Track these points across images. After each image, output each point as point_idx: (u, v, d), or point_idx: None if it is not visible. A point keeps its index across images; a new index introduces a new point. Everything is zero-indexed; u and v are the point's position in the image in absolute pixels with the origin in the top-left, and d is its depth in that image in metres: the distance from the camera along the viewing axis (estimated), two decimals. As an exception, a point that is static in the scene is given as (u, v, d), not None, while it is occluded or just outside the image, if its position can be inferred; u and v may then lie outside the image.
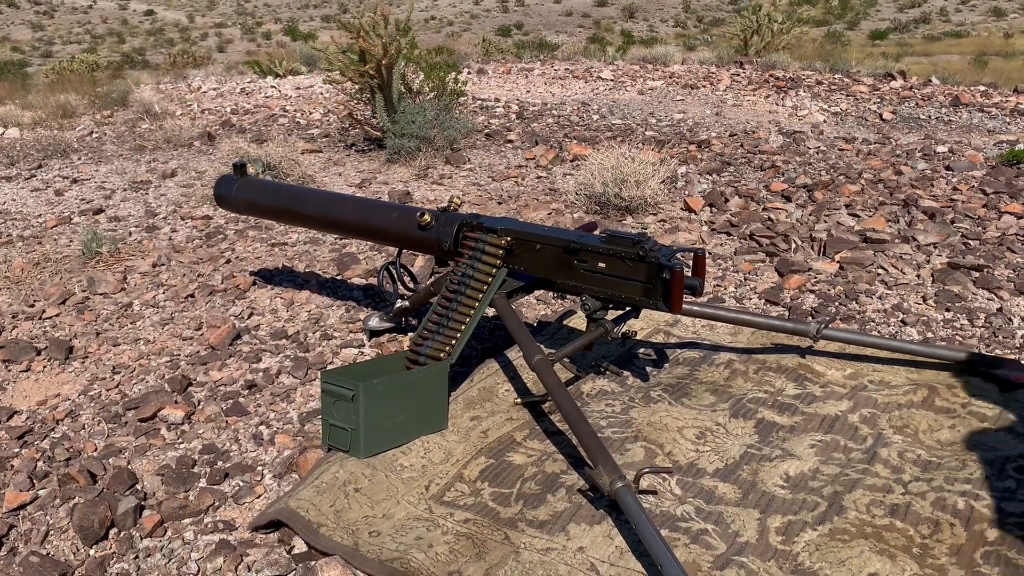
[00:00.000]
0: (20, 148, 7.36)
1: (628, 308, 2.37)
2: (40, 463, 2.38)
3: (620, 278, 2.24)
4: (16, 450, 2.47)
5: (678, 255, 2.19)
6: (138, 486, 2.24)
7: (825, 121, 7.75)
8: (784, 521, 1.80)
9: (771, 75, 10.07)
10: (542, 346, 2.31)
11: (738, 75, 10.26)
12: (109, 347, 3.17)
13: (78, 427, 2.60)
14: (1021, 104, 8.38)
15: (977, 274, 3.49)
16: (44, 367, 3.03)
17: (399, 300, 2.94)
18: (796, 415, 2.26)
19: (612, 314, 2.39)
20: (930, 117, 7.86)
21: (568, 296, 3.35)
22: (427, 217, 2.63)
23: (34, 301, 3.70)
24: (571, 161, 5.98)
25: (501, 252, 2.43)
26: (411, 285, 2.99)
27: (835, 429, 2.17)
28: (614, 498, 1.75)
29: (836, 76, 10.06)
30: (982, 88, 9.48)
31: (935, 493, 1.86)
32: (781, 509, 1.84)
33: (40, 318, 3.49)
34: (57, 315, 3.51)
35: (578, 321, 2.96)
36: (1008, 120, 7.73)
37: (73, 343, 3.21)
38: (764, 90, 9.26)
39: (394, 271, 2.91)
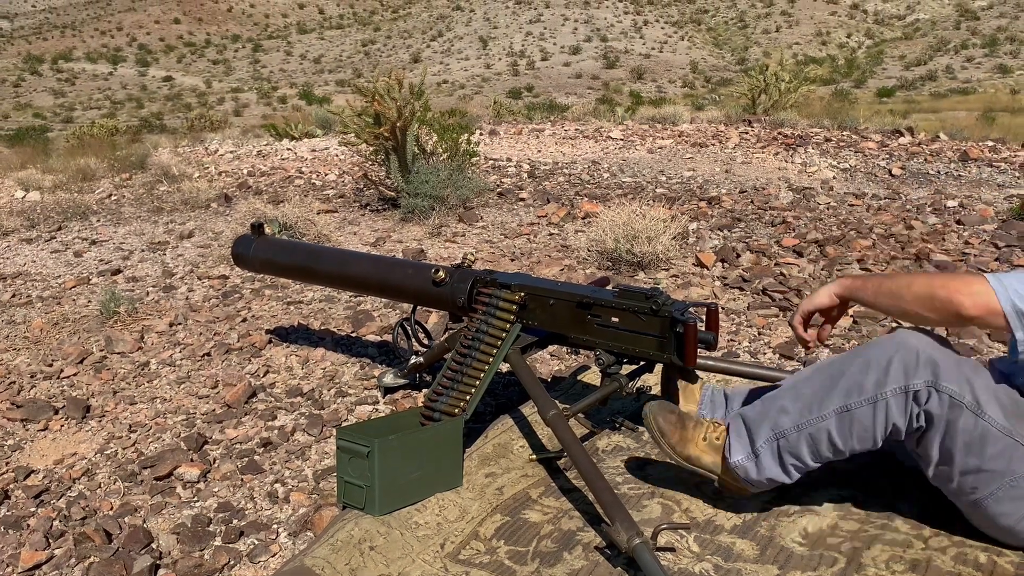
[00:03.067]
0: (40, 211, 7.50)
1: (642, 363, 2.38)
2: (56, 522, 2.38)
3: (634, 332, 2.25)
4: (32, 509, 2.47)
5: (691, 309, 2.20)
6: (154, 545, 2.23)
7: (835, 177, 7.81)
8: (804, 578, 1.78)
9: (779, 133, 10.19)
10: (556, 401, 2.31)
11: (746, 133, 10.38)
12: (126, 406, 3.19)
13: (94, 486, 2.60)
14: (1030, 159, 8.42)
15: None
16: (61, 426, 3.05)
17: (413, 356, 2.95)
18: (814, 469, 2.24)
19: (626, 369, 2.40)
20: (939, 172, 7.91)
21: (582, 351, 3.36)
22: (441, 274, 2.66)
23: (52, 361, 3.73)
24: (583, 218, 6.04)
25: (515, 307, 2.45)
26: (425, 341, 3.01)
27: (853, 483, 2.15)
28: (632, 555, 1.73)
29: (844, 133, 10.17)
30: (990, 143, 9.55)
31: (956, 548, 1.84)
32: (800, 565, 1.82)
33: (58, 377, 3.52)
34: (75, 374, 3.54)
35: (592, 376, 2.96)
36: (1017, 174, 7.77)
37: (90, 402, 3.23)
38: (773, 147, 9.36)
39: (408, 327, 2.93)
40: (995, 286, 1.60)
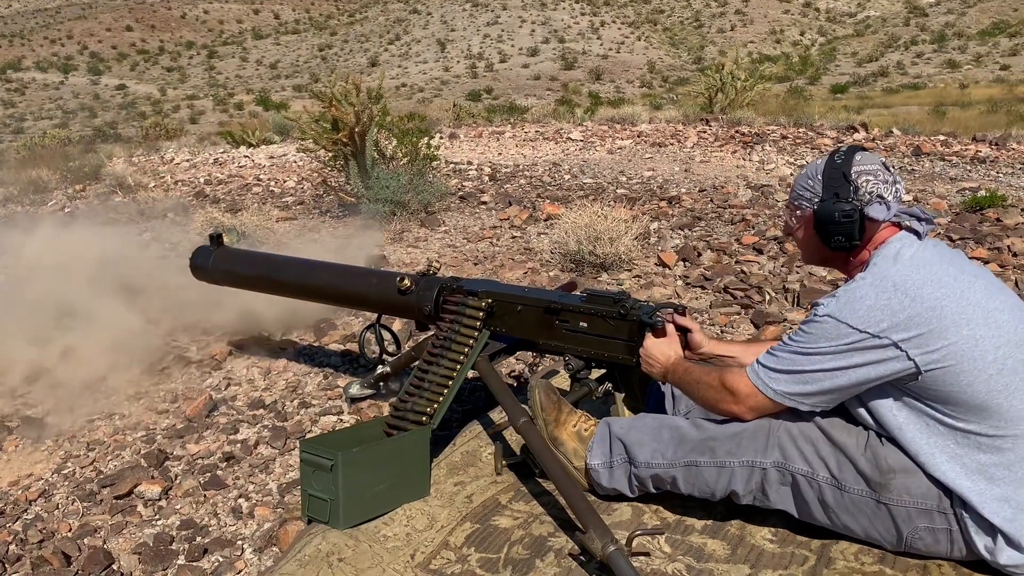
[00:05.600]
0: (-9, 224, 7.31)
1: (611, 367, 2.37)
2: (12, 546, 2.31)
3: (602, 337, 2.25)
4: (-13, 534, 2.40)
5: (659, 312, 2.19)
6: (115, 566, 2.18)
7: (792, 174, 7.90)
8: (775, 576, 1.78)
9: (737, 131, 10.29)
10: (526, 408, 2.29)
11: (705, 132, 10.48)
12: (83, 423, 3.11)
13: (52, 507, 2.53)
14: (980, 152, 8.61)
15: (950, 319, 3.53)
16: (16, 447, 2.96)
17: (380, 366, 2.92)
18: (781, 467, 2.25)
19: (595, 373, 2.39)
20: (893, 167, 8.03)
21: (551, 356, 3.35)
22: (407, 282, 2.63)
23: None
24: (545, 220, 6.04)
25: (482, 315, 2.42)
26: (392, 349, 2.98)
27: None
28: (606, 562, 1.72)
29: (800, 130, 10.31)
30: (942, 138, 9.74)
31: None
32: (771, 563, 1.83)
33: (12, 396, 3.42)
34: (29, 392, 3.44)
35: (561, 381, 2.95)
36: (969, 168, 7.93)
37: (46, 421, 3.14)
38: (731, 146, 9.46)
39: (374, 335, 2.89)
40: (756, 383, 1.79)
